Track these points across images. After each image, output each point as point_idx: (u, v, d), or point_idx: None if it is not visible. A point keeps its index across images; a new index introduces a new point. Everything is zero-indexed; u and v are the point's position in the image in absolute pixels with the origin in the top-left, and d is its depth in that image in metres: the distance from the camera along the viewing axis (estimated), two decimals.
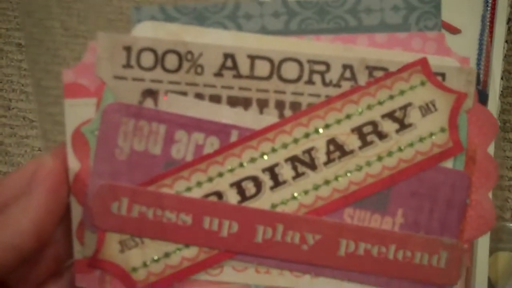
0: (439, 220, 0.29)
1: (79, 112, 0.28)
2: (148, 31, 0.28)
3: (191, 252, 0.28)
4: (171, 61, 0.28)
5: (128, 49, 0.27)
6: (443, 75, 0.29)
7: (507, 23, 0.45)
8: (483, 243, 0.39)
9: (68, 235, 0.28)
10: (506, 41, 0.46)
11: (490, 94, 0.43)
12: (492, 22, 0.45)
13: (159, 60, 0.28)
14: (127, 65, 0.28)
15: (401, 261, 0.29)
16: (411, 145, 0.29)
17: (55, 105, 0.27)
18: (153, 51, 0.28)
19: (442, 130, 0.29)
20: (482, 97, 0.31)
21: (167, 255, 0.28)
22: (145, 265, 0.28)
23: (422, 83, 0.28)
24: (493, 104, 0.43)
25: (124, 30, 0.27)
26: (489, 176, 0.29)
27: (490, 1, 0.46)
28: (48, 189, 0.26)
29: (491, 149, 0.30)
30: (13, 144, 0.41)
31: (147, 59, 0.28)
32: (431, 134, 0.29)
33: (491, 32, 0.45)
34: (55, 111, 0.27)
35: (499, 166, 0.44)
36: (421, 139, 0.29)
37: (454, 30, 0.31)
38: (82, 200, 0.28)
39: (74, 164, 0.28)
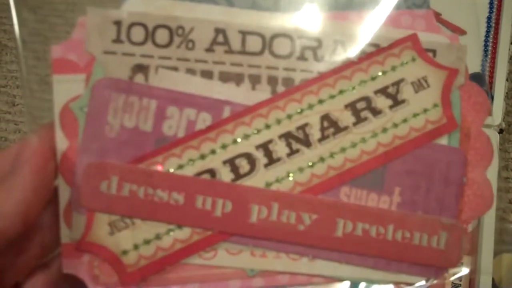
0: (436, 199, 0.28)
1: (67, 88, 0.27)
2: (138, 6, 0.27)
3: (183, 234, 0.27)
4: (162, 36, 0.27)
5: (118, 23, 0.27)
6: (434, 52, 0.29)
7: None
8: (488, 245, 0.38)
9: (55, 222, 0.27)
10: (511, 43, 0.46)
11: (495, 95, 0.43)
12: (497, 23, 0.46)
13: (150, 35, 0.27)
14: (117, 40, 0.27)
15: (400, 241, 0.28)
16: (405, 121, 0.28)
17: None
18: (144, 25, 0.27)
19: (435, 106, 0.28)
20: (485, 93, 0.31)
21: (158, 236, 0.27)
22: (135, 247, 0.27)
23: (413, 59, 0.29)
24: (498, 106, 0.43)
25: (115, 6, 0.27)
26: (484, 155, 0.29)
27: (495, 2, 0.47)
28: (33, 168, 0.25)
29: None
30: (17, 140, 0.41)
31: (138, 33, 0.27)
32: (425, 110, 0.28)
33: (496, 33, 0.46)
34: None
35: (503, 167, 0.44)
36: (414, 115, 0.28)
37: (459, 31, 0.32)
38: (70, 180, 0.27)
39: (62, 142, 0.27)
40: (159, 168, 0.27)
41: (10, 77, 0.40)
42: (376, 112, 0.28)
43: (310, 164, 0.28)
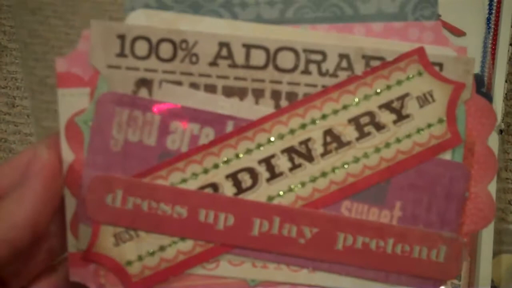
0: (438, 213, 0.28)
1: (72, 102, 0.27)
2: (142, 19, 0.27)
3: (186, 246, 0.28)
4: (166, 50, 0.27)
5: (122, 37, 0.27)
6: (440, 65, 0.28)
7: None
8: (487, 245, 0.39)
9: (62, 228, 0.28)
10: (511, 44, 0.46)
11: (495, 97, 0.43)
12: (496, 25, 0.45)
13: (153, 49, 0.27)
14: (121, 54, 0.27)
15: (400, 255, 0.28)
16: (409, 136, 0.28)
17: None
18: (147, 39, 0.27)
19: (440, 121, 0.28)
20: (487, 99, 0.31)
21: (162, 248, 0.28)
22: (140, 258, 0.27)
23: (419, 73, 0.28)
24: (498, 107, 0.43)
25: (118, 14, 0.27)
26: (488, 169, 0.29)
27: (494, 4, 0.46)
28: (44, 181, 0.26)
29: (494, 137, 0.29)
30: (17, 142, 0.41)
31: (141, 47, 0.27)
32: (429, 125, 0.28)
33: (496, 35, 0.45)
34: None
35: (502, 168, 0.44)
36: (418, 130, 0.28)
37: (459, 33, 0.31)
38: (76, 192, 0.27)
39: (68, 155, 0.27)
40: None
41: (10, 78, 0.41)
42: (379, 127, 0.28)
43: (312, 178, 0.28)
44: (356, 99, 0.28)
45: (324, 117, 0.28)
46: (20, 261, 0.27)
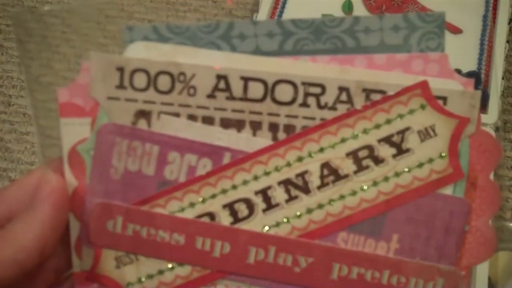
0: (436, 247, 0.28)
1: (74, 131, 0.28)
2: (141, 52, 0.27)
3: (184, 271, 0.29)
4: (164, 82, 0.28)
5: (121, 69, 0.27)
6: (444, 99, 0.27)
7: (509, 23, 0.43)
8: None
9: (67, 247, 0.29)
10: (508, 41, 0.44)
11: (492, 94, 0.42)
12: (493, 22, 0.44)
13: (152, 81, 0.28)
14: (120, 86, 0.28)
15: (395, 286, 0.28)
16: (408, 170, 0.28)
17: (54, 101, 0.28)
18: (146, 72, 0.27)
19: (442, 156, 0.28)
20: (484, 97, 0.30)
21: (160, 272, 0.29)
22: (139, 281, 0.29)
23: (422, 107, 0.27)
24: (494, 104, 0.42)
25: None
26: (491, 203, 0.28)
27: (491, 1, 0.44)
28: (53, 206, 0.27)
29: None
30: (13, 141, 0.42)
31: (140, 80, 0.28)
32: (430, 160, 0.28)
33: (492, 32, 0.44)
34: (54, 107, 0.28)
35: (499, 165, 0.42)
36: (419, 165, 0.28)
37: (455, 30, 0.30)
38: (79, 217, 0.28)
39: (71, 181, 0.28)
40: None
41: (5, 77, 0.41)
42: (378, 160, 0.28)
43: (308, 210, 0.28)
44: (355, 133, 0.28)
45: (321, 150, 0.28)
46: (28, 280, 0.29)
